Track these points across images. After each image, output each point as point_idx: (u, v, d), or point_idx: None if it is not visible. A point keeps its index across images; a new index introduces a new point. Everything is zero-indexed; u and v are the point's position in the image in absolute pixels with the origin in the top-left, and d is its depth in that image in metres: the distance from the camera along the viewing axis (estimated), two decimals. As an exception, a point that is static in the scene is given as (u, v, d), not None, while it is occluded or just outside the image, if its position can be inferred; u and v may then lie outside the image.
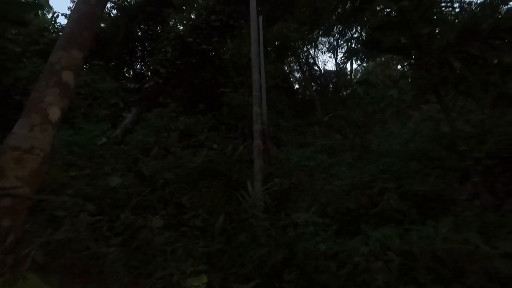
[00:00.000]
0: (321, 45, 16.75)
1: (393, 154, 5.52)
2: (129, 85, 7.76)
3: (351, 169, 5.22)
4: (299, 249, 2.87)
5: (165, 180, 4.05)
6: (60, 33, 12.60)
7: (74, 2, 13.87)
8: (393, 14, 5.16)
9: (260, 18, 7.94)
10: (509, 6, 11.80)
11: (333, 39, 16.01)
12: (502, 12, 9.60)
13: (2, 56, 7.91)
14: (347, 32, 15.01)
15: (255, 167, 4.51)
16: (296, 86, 17.31)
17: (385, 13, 6.23)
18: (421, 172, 4.48)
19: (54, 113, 1.50)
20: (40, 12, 14.33)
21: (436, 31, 5.12)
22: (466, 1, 12.70)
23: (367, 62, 16.26)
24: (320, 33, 15.04)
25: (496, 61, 5.99)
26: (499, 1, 11.90)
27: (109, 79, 9.78)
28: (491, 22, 4.48)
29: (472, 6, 12.85)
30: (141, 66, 13.80)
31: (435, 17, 5.34)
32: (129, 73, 13.69)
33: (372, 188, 4.10)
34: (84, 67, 11.39)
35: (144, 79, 8.08)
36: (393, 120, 8.07)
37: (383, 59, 15.18)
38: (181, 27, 12.90)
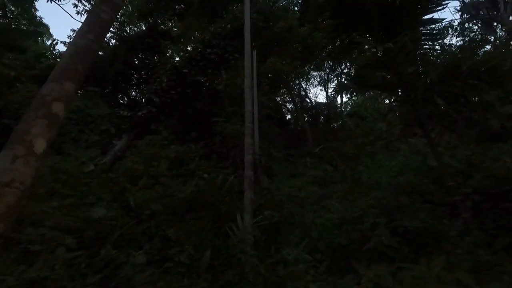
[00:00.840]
0: (312, 79, 17.46)
1: (383, 187, 5.55)
2: (121, 112, 7.79)
3: (342, 201, 5.19)
4: (289, 289, 2.74)
5: (151, 211, 3.91)
6: (58, 60, 12.87)
7: (73, 31, 14.33)
8: (379, 54, 5.48)
9: (254, 52, 8.31)
10: (485, 49, 12.75)
11: (324, 73, 16.74)
12: (480, 54, 10.34)
13: (-4, 80, 7.93)
14: (337, 67, 15.76)
15: (245, 198, 4.43)
16: (288, 116, 17.69)
17: (371, 52, 6.61)
18: (411, 207, 4.48)
19: (40, 145, 1.47)
20: (39, 39, 14.69)
21: (420, 70, 5.41)
22: (447, 43, 13.65)
23: (356, 96, 16.91)
24: (312, 67, 15.73)
25: (476, 99, 6.31)
26: (477, 44, 12.90)
27: (103, 105, 9.83)
28: (470, 64, 4.76)
29: (452, 48, 13.85)
30: (136, 93, 14.00)
31: (418, 58, 5.68)
32: (123, 100, 13.82)
33: (363, 223, 4.05)
34: (79, 93, 11.48)
35: (138, 106, 8.15)
36: (383, 152, 8.24)
37: (371, 93, 15.81)
38: (178, 58, 13.34)
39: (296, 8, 13.54)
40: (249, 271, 3.00)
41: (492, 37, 12.44)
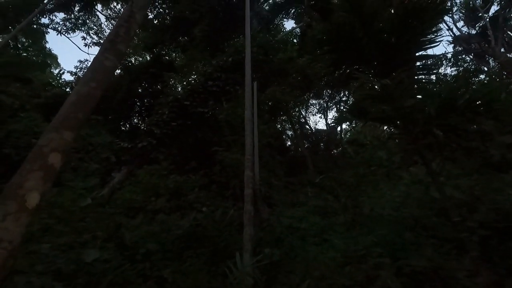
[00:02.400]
0: (312, 107, 17.76)
1: (386, 220, 5.41)
2: (122, 144, 7.83)
3: (344, 237, 5.03)
4: None
5: (147, 250, 3.77)
6: (63, 88, 13.14)
7: (81, 62, 14.89)
8: (377, 87, 5.61)
9: (255, 84, 8.51)
10: (480, 78, 13.08)
11: (323, 102, 17.05)
12: (475, 83, 10.57)
13: (-1, 110, 8.05)
14: (335, 95, 16.09)
15: (244, 235, 4.30)
16: (288, 143, 17.76)
17: (369, 86, 6.76)
18: (416, 243, 4.33)
19: (32, 199, 1.44)
20: (47, 68, 15.19)
21: (418, 104, 5.49)
22: (441, 73, 14.03)
23: (355, 124, 17.08)
24: (311, 95, 16.06)
25: (475, 128, 6.34)
26: (471, 74, 13.25)
27: (104, 134, 9.90)
28: (467, 98, 4.83)
29: (447, 77, 14.21)
30: (138, 120, 14.18)
31: (415, 91, 5.80)
32: (125, 127, 13.97)
33: (367, 262, 3.89)
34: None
35: (139, 138, 8.21)
36: (384, 181, 8.13)
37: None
38: (180, 88, 13.68)
39: (295, 40, 14.11)
40: (247, 319, 2.82)
41: (485, 68, 12.82)
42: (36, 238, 3.40)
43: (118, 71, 15.15)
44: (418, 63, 6.63)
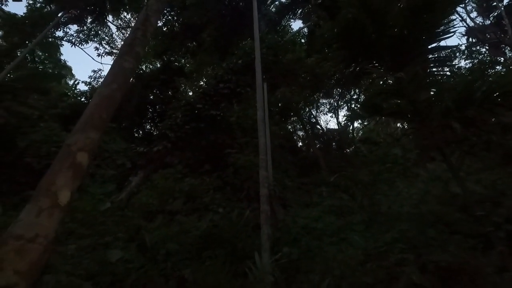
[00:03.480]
0: (322, 106, 17.61)
1: (405, 217, 5.28)
2: (138, 148, 7.99)
3: (363, 235, 4.94)
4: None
5: (167, 251, 3.82)
6: (79, 98, 13.53)
7: (94, 71, 15.34)
8: (390, 82, 5.52)
9: (265, 84, 8.54)
10: (496, 69, 12.67)
11: (334, 101, 16.89)
12: (491, 75, 10.25)
13: (20, 121, 8.34)
14: (346, 94, 15.91)
15: (262, 234, 4.29)
16: (300, 144, 17.65)
17: (382, 81, 6.67)
18: (439, 239, 4.20)
19: (64, 197, 1.49)
20: (62, 79, 15.72)
21: (434, 98, 5.37)
22: (456, 67, 13.67)
23: (368, 121, 16.83)
24: (321, 95, 15.95)
25: (494, 120, 6.14)
26: (487, 66, 12.84)
27: (119, 141, 10.13)
28: (485, 90, 4.70)
29: (462, 70, 13.83)
30: (151, 127, 14.44)
31: (430, 85, 5.67)
32: (138, 134, 14.25)
33: (388, 259, 3.80)
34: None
35: (153, 141, 8.35)
36: (400, 179, 7.95)
37: (383, 118, 15.71)
38: (191, 93, 13.87)
39: (302, 41, 14.08)
40: (270, 317, 2.80)
41: (502, 59, 12.40)
42: (61, 241, 3.49)
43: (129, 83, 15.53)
44: (431, 56, 6.49)
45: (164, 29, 14.26)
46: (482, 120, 5.07)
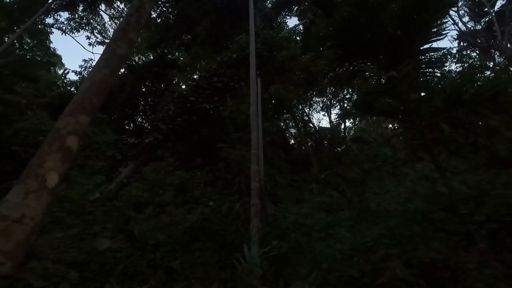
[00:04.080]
0: (315, 104, 17.73)
1: (392, 215, 5.39)
2: (129, 139, 7.88)
3: (351, 230, 5.03)
4: (301, 328, 2.57)
5: (156, 241, 3.81)
6: (68, 88, 13.27)
7: (85, 61, 15.01)
8: (383, 81, 5.59)
9: (259, 80, 8.53)
10: (485, 74, 12.97)
11: (327, 99, 17.01)
12: (480, 79, 10.49)
13: (7, 108, 8.13)
14: (339, 93, 16.05)
15: (252, 228, 4.32)
16: (292, 141, 17.75)
17: (374, 80, 6.74)
18: (424, 236, 4.31)
19: (52, 179, 1.47)
20: (52, 68, 15.34)
21: (424, 98, 5.47)
22: (446, 70, 13.94)
23: (359, 121, 17.03)
24: (314, 93, 16.04)
25: (481, 123, 6.30)
26: (477, 70, 13.15)
27: (109, 132, 9.98)
28: (473, 92, 4.81)
29: (452, 74, 14.11)
30: (142, 119, 14.26)
31: (421, 85, 5.77)
32: (129, 126, 14.06)
33: (374, 254, 3.88)
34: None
35: (144, 133, 8.25)
36: (390, 177, 8.10)
37: (374, 118, 15.92)
38: (184, 86, 13.73)
39: (298, 38, 14.10)
40: (257, 308, 2.84)
41: (491, 63, 12.71)
42: (48, 229, 3.44)
43: (122, 70, 15.28)
44: (423, 57, 6.60)
45: (158, 21, 14.05)
46: (470, 122, 5.20)
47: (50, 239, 3.00)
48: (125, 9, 16.37)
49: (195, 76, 13.49)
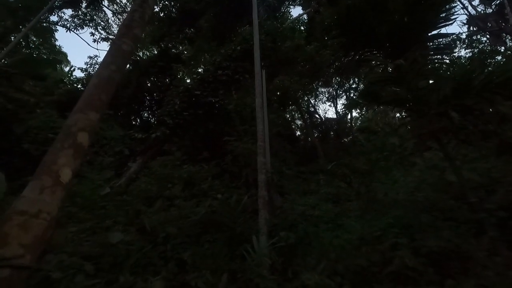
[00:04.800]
0: (321, 95, 17.56)
1: (401, 204, 5.37)
2: (136, 135, 7.97)
3: (359, 221, 5.04)
4: (310, 316, 2.62)
5: (166, 234, 3.89)
6: (75, 85, 13.39)
7: (90, 58, 15.08)
8: (389, 69, 5.50)
9: (263, 71, 8.47)
10: (496, 59, 12.62)
11: (332, 90, 16.82)
12: (491, 65, 10.20)
13: (17, 107, 8.27)
14: (345, 83, 15.84)
15: (260, 219, 4.37)
16: (298, 133, 17.68)
17: (381, 69, 6.63)
18: (433, 225, 4.30)
19: (66, 175, 1.51)
20: (58, 66, 15.49)
21: (433, 85, 5.37)
22: (455, 56, 13.58)
23: (366, 111, 16.84)
24: (320, 84, 15.87)
25: (492, 110, 6.17)
26: (487, 55, 12.77)
27: (117, 128, 10.10)
28: (483, 78, 4.70)
29: (461, 60, 13.77)
30: (148, 115, 14.36)
31: (429, 73, 5.66)
32: (136, 121, 14.19)
33: (383, 243, 3.89)
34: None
35: (151, 128, 8.32)
36: (397, 167, 8.04)
37: (381, 107, 15.72)
38: (189, 80, 13.73)
39: (302, 28, 13.89)
40: (267, 297, 2.89)
41: (502, 48, 12.32)
42: (62, 224, 3.54)
43: (127, 66, 15.33)
44: (431, 44, 6.45)
45: (161, 15, 13.98)
46: (480, 109, 5.09)
47: (65, 233, 3.10)
48: (128, 4, 16.34)
49: (199, 70, 13.46)
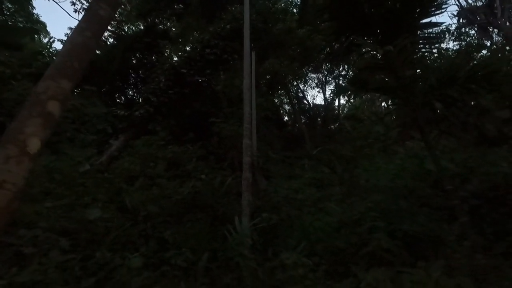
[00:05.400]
0: (310, 81, 17.48)
1: (381, 190, 5.54)
2: (119, 112, 7.71)
3: (340, 204, 5.16)
4: (287, 293, 2.70)
5: (148, 213, 3.85)
6: (54, 58, 12.70)
7: (71, 29, 14.23)
8: (379, 56, 5.48)
9: (253, 53, 8.27)
10: (482, 53, 12.86)
11: (322, 76, 16.76)
12: (477, 58, 10.40)
13: (-9, 78, 7.80)
14: (335, 70, 15.80)
15: (243, 200, 4.39)
16: (286, 118, 17.68)
17: (370, 55, 6.60)
18: (409, 211, 4.47)
19: (33, 145, 1.42)
20: (36, 36, 14.56)
21: (419, 75, 5.42)
22: (444, 48, 13.73)
23: (354, 98, 16.96)
24: (310, 69, 15.75)
25: (473, 103, 6.35)
26: (474, 49, 13.00)
27: (100, 105, 9.73)
28: (468, 69, 4.78)
29: (449, 52, 13.96)
30: (133, 93, 13.90)
31: (417, 61, 5.69)
32: (120, 100, 13.71)
33: (361, 226, 4.02)
34: (75, 91, 11.37)
35: (135, 106, 8.06)
36: (381, 155, 8.23)
37: (369, 96, 15.88)
38: (176, 58, 13.26)
39: (294, 10, 13.56)
40: (247, 275, 2.95)
41: (489, 42, 12.55)
42: (38, 200, 3.43)
43: (110, 40, 14.60)
44: (421, 33, 6.44)
45: (149, -13, 13.24)
46: (463, 101, 5.20)
47: (40, 209, 3.00)
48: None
49: (187, 48, 13.01)
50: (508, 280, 2.86)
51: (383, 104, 16.08)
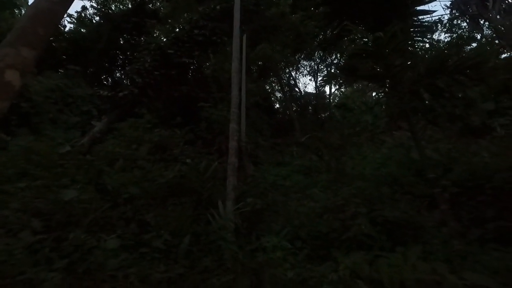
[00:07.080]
0: (302, 68, 17.32)
1: (366, 178, 5.60)
2: (101, 92, 7.43)
3: (324, 191, 5.20)
4: (267, 276, 2.71)
5: (129, 195, 3.76)
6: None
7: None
8: (369, 43, 5.41)
9: (244, 36, 8.05)
10: (471, 46, 12.95)
11: (314, 63, 16.62)
12: (466, 50, 10.47)
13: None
14: (327, 57, 15.67)
15: (228, 185, 4.35)
16: (277, 105, 17.57)
17: (362, 42, 6.53)
18: (391, 198, 4.54)
19: (-11, 117, 1.31)
20: (16, 11, 13.77)
21: (408, 63, 5.39)
22: (435, 39, 13.74)
23: (344, 87, 16.94)
24: (302, 56, 15.56)
25: (460, 95, 6.41)
26: (463, 42, 13.06)
27: (85, 86, 9.38)
28: (457, 59, 4.77)
29: (440, 43, 13.99)
30: (121, 74, 13.47)
31: (407, 50, 5.65)
32: (107, 81, 13.28)
33: (344, 212, 4.06)
34: (59, 71, 10.91)
35: (120, 87, 7.79)
36: (368, 144, 8.32)
37: (360, 85, 15.89)
38: (165, 39, 12.85)
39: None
40: (227, 258, 2.95)
41: (479, 35, 12.61)
42: (13, 181, 3.30)
43: (96, 18, 13.97)
44: (414, 21, 6.38)
45: (137, -37, 12.61)
46: (450, 92, 5.23)
47: (13, 189, 2.88)
48: None
49: (177, 30, 12.59)
50: (481, 264, 2.95)
51: (373, 94, 16.15)
